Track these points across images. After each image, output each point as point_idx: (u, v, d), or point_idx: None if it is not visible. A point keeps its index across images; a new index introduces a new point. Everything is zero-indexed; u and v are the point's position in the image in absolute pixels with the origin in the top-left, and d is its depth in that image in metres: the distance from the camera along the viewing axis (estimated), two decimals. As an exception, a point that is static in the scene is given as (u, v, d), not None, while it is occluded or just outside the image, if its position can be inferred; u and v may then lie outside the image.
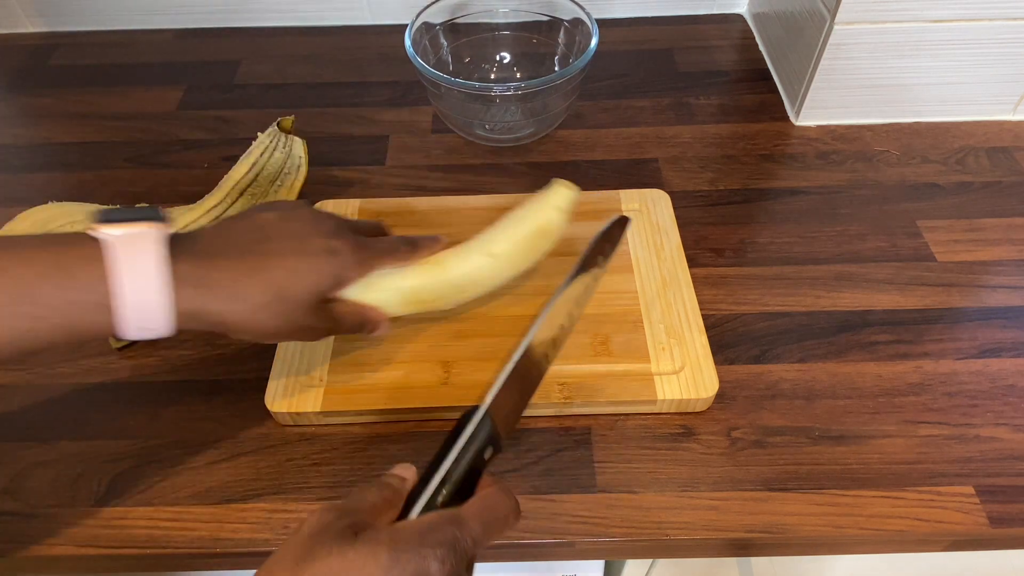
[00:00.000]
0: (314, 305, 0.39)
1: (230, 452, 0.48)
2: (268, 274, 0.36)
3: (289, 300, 0.37)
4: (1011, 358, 0.52)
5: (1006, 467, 0.46)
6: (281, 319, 0.37)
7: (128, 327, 0.33)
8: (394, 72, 0.79)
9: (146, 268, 0.33)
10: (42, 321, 0.32)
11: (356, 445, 0.48)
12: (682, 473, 0.46)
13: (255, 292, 0.36)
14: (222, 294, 0.35)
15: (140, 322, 0.33)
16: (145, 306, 0.33)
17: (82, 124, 0.73)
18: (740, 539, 0.44)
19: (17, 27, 0.86)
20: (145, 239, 0.33)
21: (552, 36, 0.71)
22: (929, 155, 0.67)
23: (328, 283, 0.39)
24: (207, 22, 0.85)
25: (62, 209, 0.54)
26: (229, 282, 0.35)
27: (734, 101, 0.74)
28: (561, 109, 0.67)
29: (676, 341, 0.51)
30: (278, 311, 0.37)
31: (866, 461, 0.47)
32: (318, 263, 0.38)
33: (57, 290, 0.32)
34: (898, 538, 0.44)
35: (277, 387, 0.49)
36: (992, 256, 0.58)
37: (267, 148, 0.61)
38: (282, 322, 0.37)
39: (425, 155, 0.69)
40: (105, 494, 0.46)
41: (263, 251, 0.37)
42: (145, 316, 0.33)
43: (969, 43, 0.64)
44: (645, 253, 0.57)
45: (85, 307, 0.32)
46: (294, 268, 0.37)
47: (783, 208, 0.63)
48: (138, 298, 0.33)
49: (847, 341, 0.53)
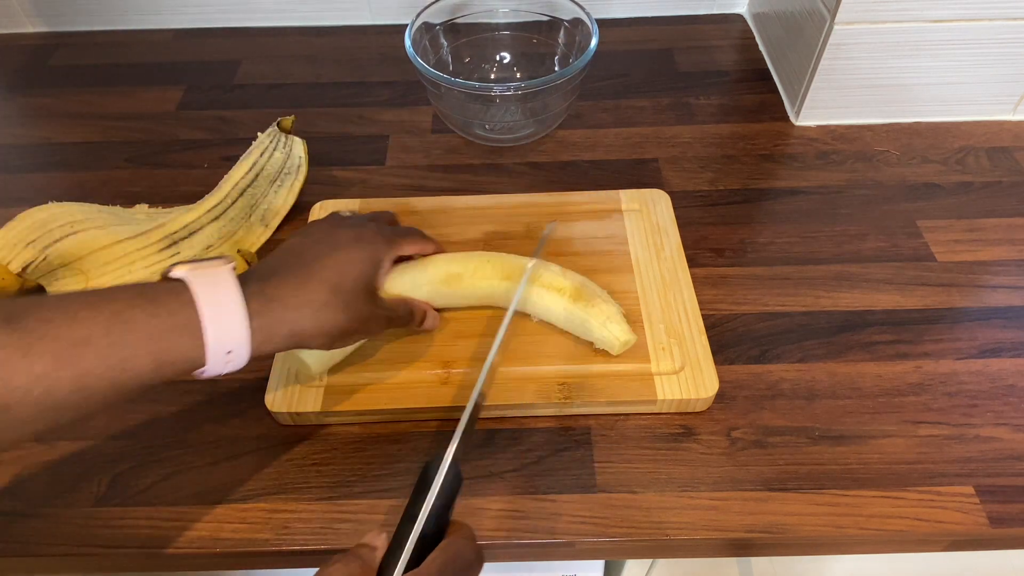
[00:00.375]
0: (366, 292, 0.43)
1: (230, 452, 0.48)
2: (319, 276, 0.40)
3: (344, 291, 0.41)
4: (1011, 358, 0.52)
5: (1006, 467, 0.46)
6: (343, 312, 0.41)
7: (212, 351, 0.35)
8: (394, 72, 0.79)
9: (222, 289, 0.36)
10: (135, 348, 0.33)
11: (356, 445, 0.48)
12: (682, 473, 0.46)
13: (314, 295, 0.39)
14: (288, 303, 0.38)
15: (223, 341, 0.35)
16: (226, 323, 0.35)
17: (82, 124, 0.73)
18: (740, 539, 0.44)
19: (17, 27, 0.86)
20: (216, 267, 0.37)
21: (552, 36, 0.71)
22: (929, 155, 0.67)
23: (369, 267, 0.43)
24: (207, 22, 0.85)
25: (62, 209, 0.54)
26: (290, 293, 0.39)
27: (734, 101, 0.74)
28: (561, 109, 0.67)
29: (676, 341, 0.51)
30: (338, 305, 0.40)
31: (866, 461, 0.47)
32: (354, 253, 0.43)
33: (148, 316, 0.33)
34: (898, 538, 0.44)
35: (277, 387, 0.49)
36: (992, 256, 0.58)
37: (267, 148, 0.61)
38: (345, 316, 0.41)
39: (425, 155, 0.69)
40: (105, 494, 0.46)
41: (307, 262, 0.41)
42: (227, 334, 0.36)
43: (969, 43, 0.64)
44: (645, 253, 0.57)
45: (173, 332, 0.34)
46: (336, 264, 0.41)
47: (783, 208, 0.63)
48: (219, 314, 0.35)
49: (847, 341, 0.53)
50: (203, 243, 0.57)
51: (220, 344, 0.35)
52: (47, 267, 0.53)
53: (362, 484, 0.46)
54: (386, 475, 0.47)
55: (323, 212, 0.61)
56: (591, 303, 0.49)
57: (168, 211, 0.60)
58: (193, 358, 0.35)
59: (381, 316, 0.44)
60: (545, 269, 0.51)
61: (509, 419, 0.49)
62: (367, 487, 0.46)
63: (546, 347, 0.51)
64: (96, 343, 0.32)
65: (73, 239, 0.53)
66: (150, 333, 0.33)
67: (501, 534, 0.44)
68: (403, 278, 0.49)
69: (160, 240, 0.56)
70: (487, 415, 0.49)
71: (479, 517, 0.45)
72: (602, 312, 0.49)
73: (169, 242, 0.56)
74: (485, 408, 0.48)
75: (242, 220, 0.59)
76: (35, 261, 0.52)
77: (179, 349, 0.34)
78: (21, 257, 0.52)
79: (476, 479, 0.46)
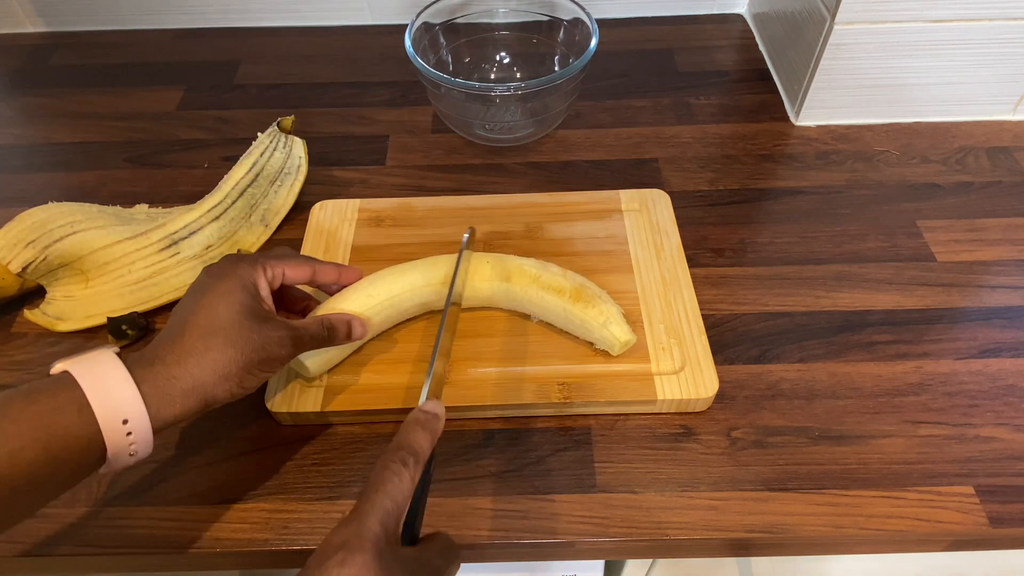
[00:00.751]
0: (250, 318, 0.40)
1: (230, 452, 0.48)
2: (191, 324, 0.38)
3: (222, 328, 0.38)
4: (1011, 358, 0.52)
5: (1006, 467, 0.46)
6: (232, 348, 0.38)
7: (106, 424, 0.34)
8: (394, 72, 0.79)
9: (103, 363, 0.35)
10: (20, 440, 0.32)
11: (356, 445, 0.48)
12: (682, 473, 0.46)
13: (192, 343, 0.38)
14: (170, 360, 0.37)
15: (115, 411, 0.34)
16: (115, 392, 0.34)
17: (82, 124, 0.73)
18: (740, 539, 0.44)
19: (17, 27, 0.86)
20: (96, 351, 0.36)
21: (552, 36, 0.71)
22: (929, 155, 0.67)
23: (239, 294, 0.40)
24: (207, 22, 0.85)
25: (62, 209, 0.54)
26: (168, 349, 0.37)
27: (734, 101, 0.74)
28: (561, 109, 0.67)
29: (676, 341, 0.51)
30: (222, 344, 0.38)
31: (866, 461, 0.47)
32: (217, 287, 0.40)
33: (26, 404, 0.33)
34: (898, 538, 0.44)
35: (277, 387, 0.49)
36: (992, 256, 0.58)
37: (267, 148, 0.61)
38: (235, 350, 0.38)
39: (425, 155, 0.69)
40: (105, 494, 0.46)
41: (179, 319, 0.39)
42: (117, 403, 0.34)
43: (969, 43, 0.64)
44: (645, 253, 0.57)
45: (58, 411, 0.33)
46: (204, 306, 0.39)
47: (783, 208, 0.63)
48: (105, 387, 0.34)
49: (847, 341, 0.53)
50: (203, 243, 0.57)
51: (112, 414, 0.34)
52: (47, 267, 0.53)
53: (362, 484, 0.46)
54: (386, 475, 0.46)
55: (323, 212, 0.61)
56: (591, 304, 0.49)
57: (168, 211, 0.60)
58: (87, 436, 0.34)
59: (283, 337, 0.41)
60: (544, 270, 0.51)
61: (509, 419, 0.49)
62: (367, 487, 0.46)
63: (546, 347, 0.51)
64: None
65: (73, 239, 0.53)
66: (32, 418, 0.32)
67: (501, 534, 0.44)
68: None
69: (160, 240, 0.56)
70: (487, 415, 0.49)
71: (479, 517, 0.45)
72: (602, 313, 0.49)
73: (169, 242, 0.56)
74: (485, 408, 0.48)
75: (242, 220, 0.59)
76: (35, 261, 0.52)
77: (69, 429, 0.33)
78: (21, 257, 0.52)
79: (476, 479, 0.46)
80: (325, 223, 0.60)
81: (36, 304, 0.54)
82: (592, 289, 0.50)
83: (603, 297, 0.50)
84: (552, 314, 0.51)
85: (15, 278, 0.53)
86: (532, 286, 0.50)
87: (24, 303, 0.55)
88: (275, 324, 0.41)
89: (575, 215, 0.60)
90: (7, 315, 0.56)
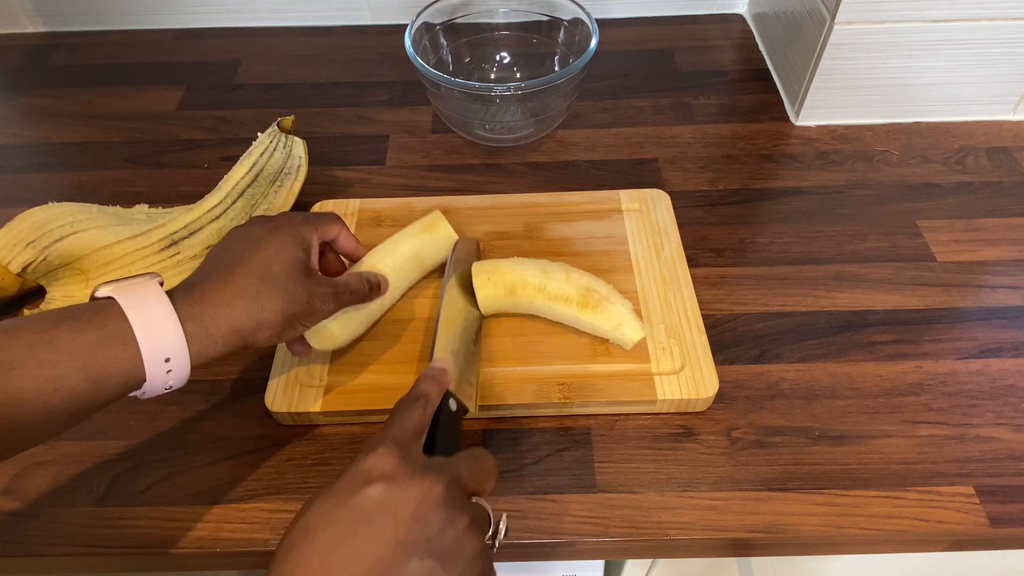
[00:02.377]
0: (300, 272, 0.41)
1: (230, 452, 0.48)
2: (244, 269, 0.39)
3: (274, 277, 0.40)
4: (1011, 358, 0.52)
5: (1006, 467, 0.46)
6: (280, 297, 0.39)
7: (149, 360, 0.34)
8: (394, 72, 0.79)
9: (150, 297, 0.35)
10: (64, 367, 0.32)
11: (356, 445, 0.48)
12: (682, 473, 0.46)
13: (243, 287, 0.38)
14: (218, 300, 0.37)
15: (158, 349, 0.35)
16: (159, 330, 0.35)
17: (82, 124, 0.73)
18: (740, 539, 0.44)
19: (17, 27, 0.86)
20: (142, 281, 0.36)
21: (552, 36, 0.71)
22: (929, 155, 0.67)
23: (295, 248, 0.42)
24: (207, 22, 0.85)
25: (62, 209, 0.54)
26: (218, 290, 0.38)
27: (734, 101, 0.74)
28: (561, 109, 0.67)
29: (676, 341, 0.51)
30: (271, 291, 0.39)
31: (866, 461, 0.47)
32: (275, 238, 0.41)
33: (73, 333, 0.33)
34: (898, 538, 0.44)
35: (277, 387, 0.49)
36: (992, 256, 0.58)
37: (267, 148, 0.61)
38: (283, 300, 0.39)
39: (425, 155, 0.69)
40: (105, 494, 0.46)
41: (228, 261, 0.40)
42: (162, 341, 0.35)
43: (969, 43, 0.64)
44: (645, 253, 0.57)
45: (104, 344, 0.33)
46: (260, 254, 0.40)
47: (783, 208, 0.63)
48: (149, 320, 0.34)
49: (847, 341, 0.53)
50: (203, 243, 0.57)
51: (156, 352, 0.34)
52: (47, 267, 0.53)
53: (362, 484, 0.46)
54: (386, 475, 0.46)
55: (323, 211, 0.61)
56: (599, 309, 0.49)
57: (168, 211, 0.60)
58: (129, 370, 0.34)
59: (326, 293, 0.42)
60: (548, 278, 0.50)
61: (509, 419, 0.49)
62: (367, 487, 0.46)
63: (546, 347, 0.51)
64: (23, 365, 0.32)
65: (73, 239, 0.53)
66: (77, 349, 0.33)
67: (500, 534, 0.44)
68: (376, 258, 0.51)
69: (160, 240, 0.56)
70: (487, 415, 0.49)
71: (479, 517, 0.45)
72: (612, 317, 0.49)
73: (169, 242, 0.56)
74: (485, 408, 0.48)
75: (242, 220, 0.59)
76: (35, 261, 0.52)
77: (113, 362, 0.33)
78: (21, 257, 0.52)
79: (476, 479, 0.46)
80: (325, 223, 0.60)
81: (36, 304, 0.54)
82: (599, 291, 0.50)
83: (611, 298, 0.50)
84: (562, 318, 0.51)
85: (15, 278, 0.53)
86: (538, 297, 0.50)
87: (24, 303, 0.55)
88: (320, 279, 0.43)
89: (575, 215, 0.60)
90: (7, 315, 0.56)
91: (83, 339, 0.33)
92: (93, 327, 0.33)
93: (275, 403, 0.48)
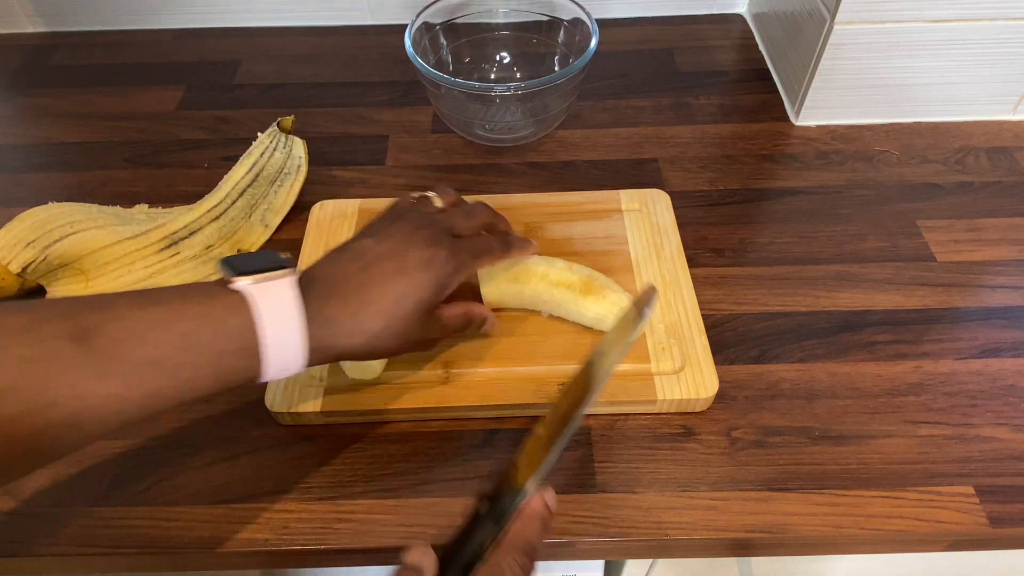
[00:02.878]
0: (424, 316, 0.41)
1: (230, 452, 0.48)
2: (377, 305, 0.39)
3: (400, 320, 0.40)
4: (1011, 358, 0.52)
5: (1006, 467, 0.46)
6: (396, 340, 0.40)
7: (268, 370, 0.36)
8: (394, 72, 0.79)
9: (285, 313, 0.35)
10: (201, 370, 0.34)
11: (356, 445, 0.48)
12: (682, 473, 0.46)
13: (370, 324, 0.39)
14: (343, 330, 0.38)
15: (280, 363, 0.36)
16: (285, 348, 0.36)
17: (82, 124, 0.73)
18: (740, 539, 0.44)
19: (17, 27, 0.86)
20: (280, 287, 0.36)
21: (552, 36, 0.71)
22: (929, 155, 0.67)
23: (431, 294, 0.41)
24: (207, 22, 0.85)
25: (62, 209, 0.54)
26: (348, 318, 0.38)
27: (734, 101, 0.74)
28: (561, 109, 0.67)
29: (676, 341, 0.51)
30: (392, 333, 0.40)
31: (866, 461, 0.47)
32: (419, 279, 0.40)
33: (212, 340, 0.34)
34: (898, 538, 0.44)
35: (277, 387, 0.49)
36: (992, 256, 0.58)
37: (267, 148, 0.61)
38: (397, 343, 0.40)
39: (425, 155, 0.69)
40: (105, 494, 0.46)
41: (369, 281, 0.39)
42: (284, 357, 0.36)
43: (969, 43, 0.64)
44: (645, 253, 0.57)
45: (235, 355, 0.34)
46: (399, 292, 0.40)
47: (783, 208, 0.63)
48: (279, 341, 0.35)
49: (847, 341, 0.53)
50: (203, 243, 0.57)
51: (277, 365, 0.36)
52: (47, 267, 0.53)
53: (362, 484, 0.46)
54: (386, 475, 0.47)
55: (323, 212, 0.61)
56: (601, 295, 0.49)
57: (168, 211, 0.60)
58: (251, 376, 0.36)
59: (434, 337, 0.44)
60: (551, 266, 0.51)
61: (509, 419, 0.49)
62: (367, 487, 0.46)
63: (546, 347, 0.51)
64: (164, 365, 0.33)
65: (73, 239, 0.53)
66: (213, 356, 0.34)
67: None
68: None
69: (160, 240, 0.56)
70: (487, 415, 0.49)
71: (479, 517, 0.45)
72: (614, 304, 0.49)
73: (169, 242, 0.56)
74: (485, 408, 0.48)
75: (242, 220, 0.59)
76: (35, 261, 0.52)
77: (240, 369, 0.35)
78: (21, 257, 0.52)
79: (476, 479, 0.46)
80: (325, 223, 0.60)
81: (36, 304, 0.54)
82: (600, 279, 0.50)
83: (612, 287, 0.50)
84: (563, 309, 0.51)
85: (15, 278, 0.53)
86: (541, 284, 0.50)
87: (24, 303, 0.55)
88: (435, 323, 0.43)
89: (575, 215, 0.60)
90: (7, 315, 0.56)
91: (220, 347, 0.34)
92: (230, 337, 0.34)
93: (275, 403, 0.48)
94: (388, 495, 0.46)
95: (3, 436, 0.29)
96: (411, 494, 0.46)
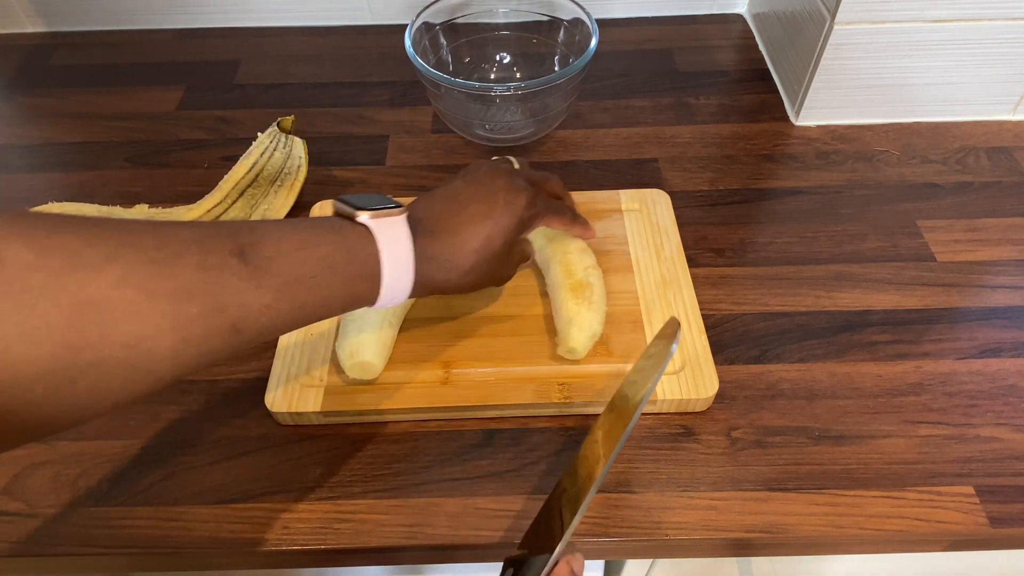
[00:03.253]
0: (506, 254, 0.46)
1: (230, 452, 0.48)
2: (472, 244, 0.43)
3: (488, 257, 0.44)
4: (1011, 358, 0.52)
5: (1006, 467, 0.46)
6: (481, 276, 0.44)
7: (383, 296, 0.39)
8: (394, 72, 0.79)
9: (401, 247, 0.39)
10: (335, 290, 0.37)
11: (356, 445, 0.48)
12: (682, 473, 0.46)
13: (463, 260, 0.43)
14: (443, 266, 0.42)
15: (391, 292, 0.39)
16: (399, 278, 0.39)
17: (82, 124, 0.73)
18: (740, 539, 0.44)
19: (17, 27, 0.86)
20: (396, 224, 0.39)
21: (552, 36, 0.71)
22: (929, 155, 0.67)
23: (514, 235, 0.45)
24: (207, 22, 0.85)
25: (62, 209, 0.54)
26: (446, 256, 0.42)
27: (734, 101, 0.74)
28: (561, 109, 0.67)
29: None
30: (479, 270, 0.44)
31: (866, 461, 0.47)
32: (505, 222, 0.44)
33: (346, 264, 0.37)
34: (898, 538, 0.44)
35: (277, 387, 0.49)
36: (992, 256, 0.58)
37: (267, 148, 0.61)
38: (482, 279, 0.45)
39: (425, 155, 0.69)
40: (105, 494, 0.46)
41: (462, 222, 0.43)
42: (396, 287, 0.39)
43: (969, 43, 0.64)
44: (645, 253, 0.57)
45: (362, 279, 0.38)
46: (487, 233, 0.44)
47: (783, 208, 0.63)
48: (395, 271, 0.39)
49: (847, 341, 0.53)
50: (203, 243, 0.57)
51: (389, 293, 0.39)
52: (47, 267, 0.53)
53: (362, 484, 0.46)
54: (386, 475, 0.47)
55: (323, 212, 0.61)
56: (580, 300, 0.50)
57: (168, 211, 0.60)
58: (367, 301, 0.39)
59: (511, 269, 0.48)
60: (582, 255, 0.53)
61: (509, 419, 0.49)
62: (367, 487, 0.46)
63: (546, 347, 0.51)
64: (308, 282, 0.35)
65: (73, 239, 0.53)
66: (346, 278, 0.37)
67: (501, 534, 0.44)
68: None
69: (160, 240, 0.56)
70: (487, 415, 0.49)
71: (479, 517, 0.45)
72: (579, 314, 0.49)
73: (169, 242, 0.56)
74: (485, 408, 0.48)
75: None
76: (35, 261, 0.52)
77: (362, 293, 0.38)
78: (21, 257, 0.52)
79: (476, 479, 0.46)
80: (325, 223, 0.60)
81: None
82: (595, 292, 0.50)
83: (595, 306, 0.50)
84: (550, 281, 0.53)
85: (15, 278, 0.53)
86: (559, 250, 0.53)
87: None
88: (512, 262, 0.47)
89: (575, 215, 0.60)
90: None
91: (351, 271, 0.37)
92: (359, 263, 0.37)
93: (275, 403, 0.48)
94: (388, 495, 0.46)
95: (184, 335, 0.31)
96: (411, 494, 0.46)
